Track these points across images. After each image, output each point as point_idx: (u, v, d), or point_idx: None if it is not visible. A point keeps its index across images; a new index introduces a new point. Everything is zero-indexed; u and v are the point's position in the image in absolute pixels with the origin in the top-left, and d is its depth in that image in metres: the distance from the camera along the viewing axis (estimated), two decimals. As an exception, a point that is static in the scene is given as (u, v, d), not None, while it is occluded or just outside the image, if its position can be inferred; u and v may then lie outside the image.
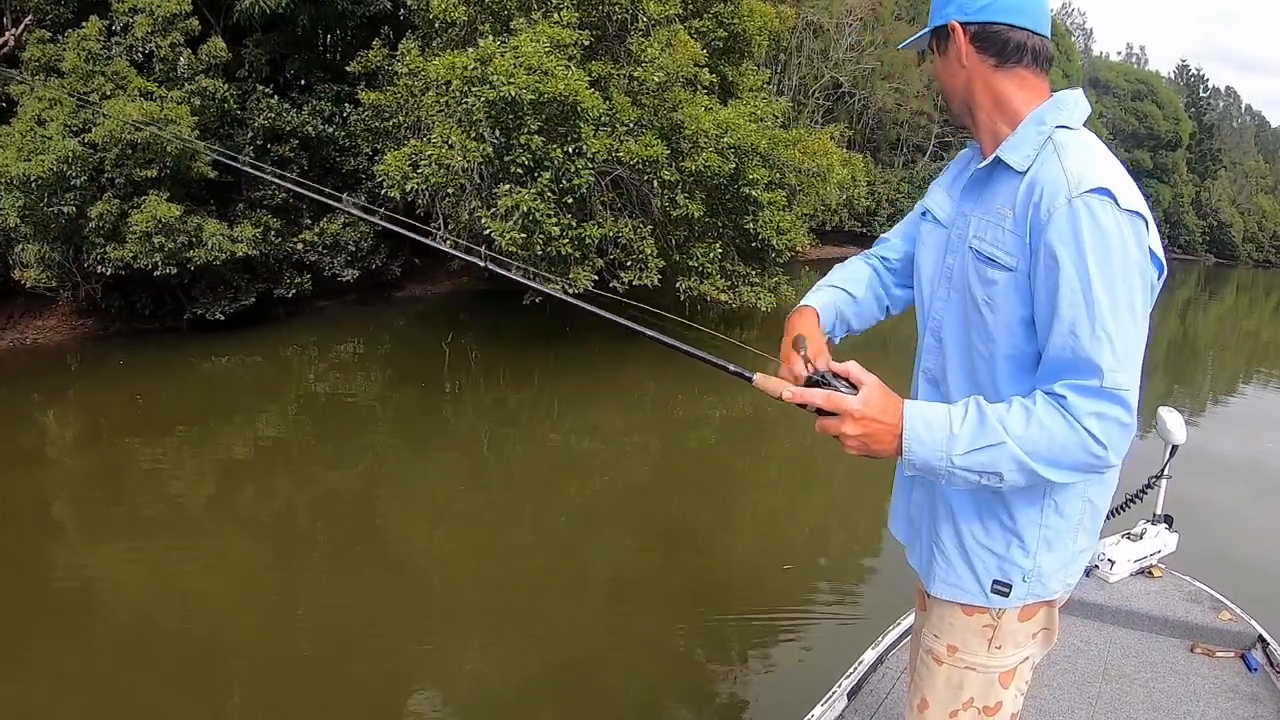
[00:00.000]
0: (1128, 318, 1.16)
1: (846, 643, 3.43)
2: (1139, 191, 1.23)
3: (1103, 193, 1.16)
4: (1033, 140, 1.28)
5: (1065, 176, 1.19)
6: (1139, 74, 54.39)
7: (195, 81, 10.99)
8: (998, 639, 1.41)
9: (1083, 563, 1.43)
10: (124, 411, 8.66)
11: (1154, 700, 2.69)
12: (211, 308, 11.19)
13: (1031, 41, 1.33)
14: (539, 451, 7.73)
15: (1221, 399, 12.64)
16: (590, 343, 11.76)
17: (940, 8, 1.38)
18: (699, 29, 10.06)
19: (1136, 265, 1.17)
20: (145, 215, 9.99)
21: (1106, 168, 1.21)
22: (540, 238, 7.86)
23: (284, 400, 9.44)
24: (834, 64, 25.11)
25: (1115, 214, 1.16)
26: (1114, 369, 1.14)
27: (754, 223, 9.44)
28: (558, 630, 4.45)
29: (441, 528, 6.00)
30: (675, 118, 8.75)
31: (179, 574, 4.96)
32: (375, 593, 4.79)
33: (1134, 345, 1.17)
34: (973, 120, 1.39)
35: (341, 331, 12.47)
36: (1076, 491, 1.33)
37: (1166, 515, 3.44)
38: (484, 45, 7.89)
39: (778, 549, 5.77)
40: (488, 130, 7.93)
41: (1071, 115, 1.30)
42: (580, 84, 7.90)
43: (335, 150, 12.45)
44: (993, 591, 1.37)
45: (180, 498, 6.29)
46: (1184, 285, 36.60)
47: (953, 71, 1.37)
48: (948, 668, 1.45)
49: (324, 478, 6.89)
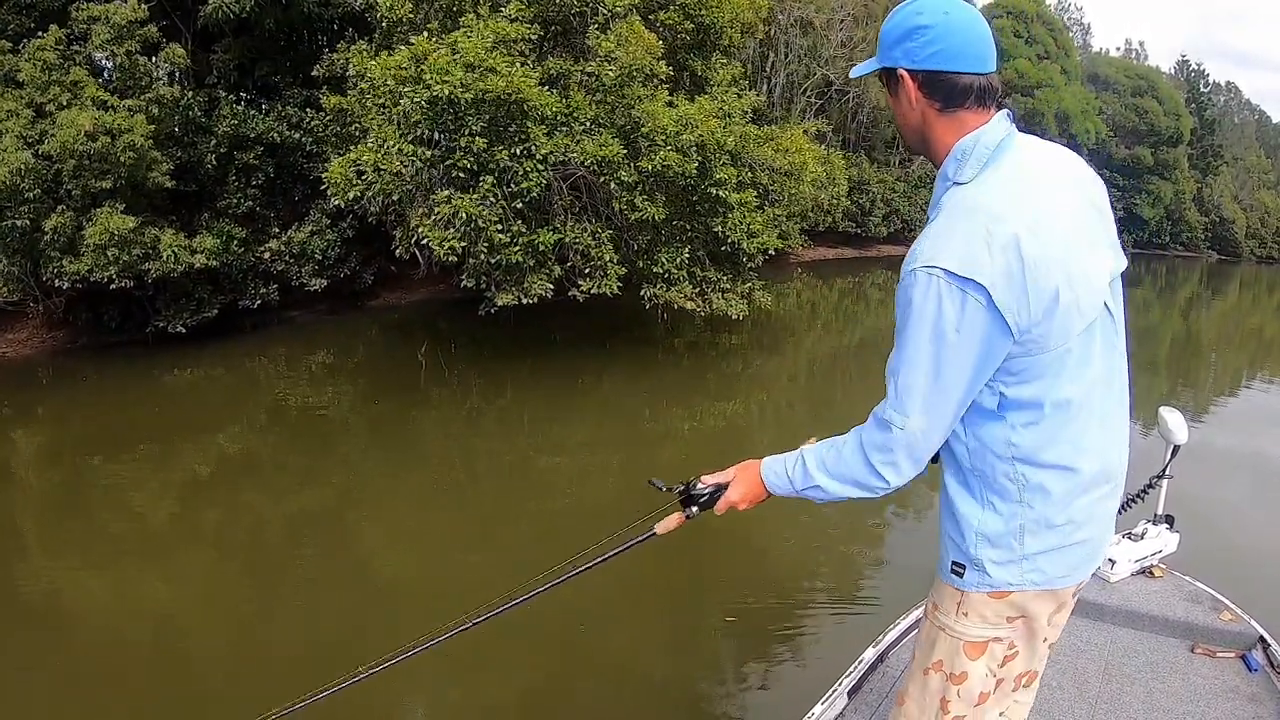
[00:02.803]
0: (921, 371, 1.37)
1: (847, 641, 3.53)
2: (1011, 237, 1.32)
3: (930, 268, 1.32)
4: (937, 195, 1.46)
5: (913, 249, 1.38)
6: (1139, 69, 53.86)
7: (153, 89, 10.70)
8: (965, 605, 1.56)
9: (1049, 565, 1.51)
10: (87, 427, 8.48)
11: (1154, 700, 2.69)
12: (173, 320, 10.91)
13: (977, 83, 1.42)
14: (514, 468, 7.43)
15: (1224, 398, 12.44)
16: (568, 350, 11.50)
17: (888, 49, 1.45)
18: (664, 22, 9.59)
19: (946, 333, 1.34)
20: (98, 228, 9.74)
21: (957, 235, 1.34)
22: (484, 246, 7.44)
23: (247, 415, 9.15)
24: (825, 61, 24.66)
25: (934, 287, 1.32)
26: (894, 408, 1.41)
27: (723, 225, 8.97)
28: (543, 646, 4.39)
29: (411, 546, 5.82)
30: (633, 115, 8.30)
31: (147, 592, 4.92)
32: (345, 610, 4.71)
33: (917, 391, 1.38)
34: (931, 156, 1.50)
35: (311, 342, 12.16)
36: (1010, 496, 1.47)
37: (1168, 515, 3.43)
38: (418, 42, 7.45)
39: (778, 549, 5.80)
40: (427, 132, 7.51)
41: (963, 168, 1.41)
42: (527, 81, 7.47)
43: (302, 156, 12.13)
44: (951, 571, 1.56)
45: (143, 516, 6.20)
46: (1186, 283, 36.21)
47: (902, 113, 1.49)
48: (928, 624, 1.64)
49: (285, 498, 6.68)
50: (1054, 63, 39.87)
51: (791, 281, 21.99)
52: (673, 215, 8.88)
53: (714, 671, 4.27)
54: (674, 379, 10.43)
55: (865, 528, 6.18)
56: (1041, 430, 1.43)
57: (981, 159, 1.40)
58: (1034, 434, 1.43)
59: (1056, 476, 1.46)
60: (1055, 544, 1.51)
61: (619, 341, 11.82)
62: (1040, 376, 1.40)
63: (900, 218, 29.83)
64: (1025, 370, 1.39)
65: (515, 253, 7.67)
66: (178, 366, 10.59)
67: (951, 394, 1.38)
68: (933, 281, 1.32)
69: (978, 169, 1.39)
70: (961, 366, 1.36)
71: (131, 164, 9.98)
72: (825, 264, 26.70)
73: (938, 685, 1.62)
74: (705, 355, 12.00)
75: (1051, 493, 1.47)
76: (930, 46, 1.39)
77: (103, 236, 9.72)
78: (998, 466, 1.46)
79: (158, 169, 10.44)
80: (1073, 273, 1.36)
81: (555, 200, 8.23)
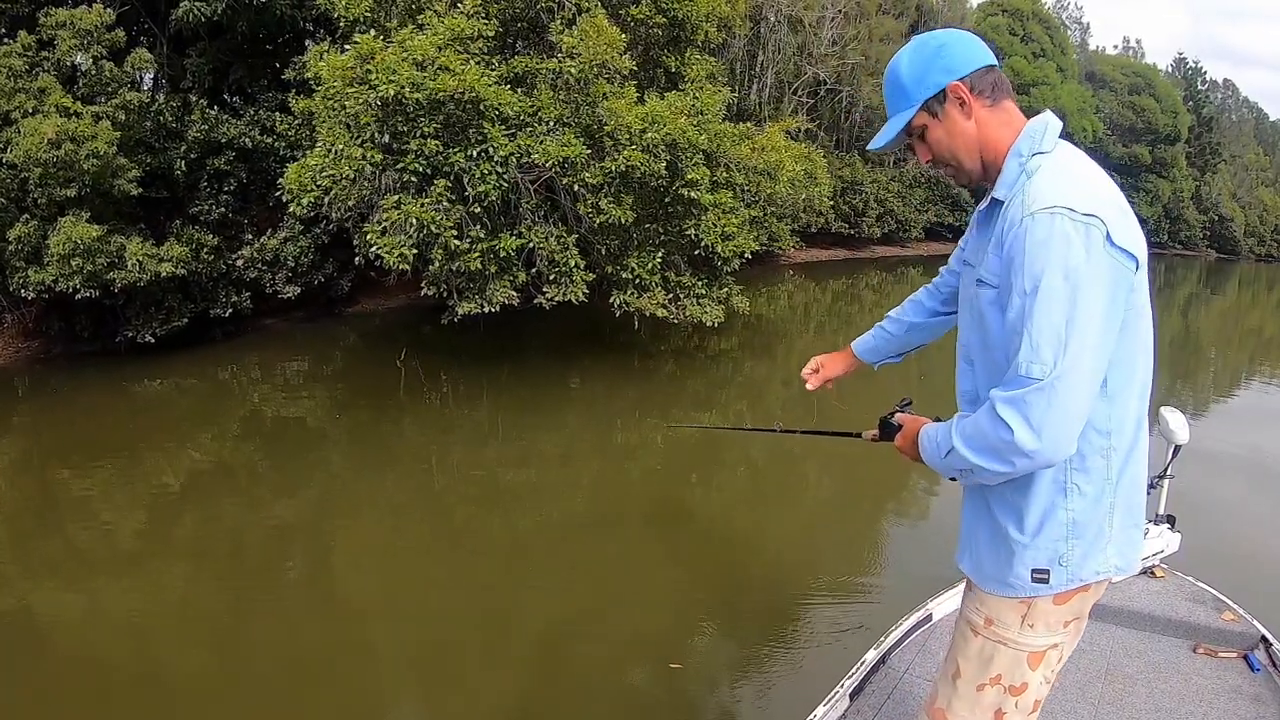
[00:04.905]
0: (1058, 313, 1.29)
1: (849, 643, 3.51)
2: (1108, 192, 1.38)
3: (1051, 209, 1.31)
4: (1014, 172, 1.45)
5: (1024, 199, 1.37)
6: (1136, 67, 53.53)
7: (119, 95, 10.48)
8: (1031, 617, 1.51)
9: (1125, 547, 1.50)
10: (57, 438, 8.32)
11: (1156, 701, 2.70)
12: (142, 330, 10.69)
13: (1000, 77, 1.50)
14: (485, 481, 7.23)
15: (1225, 398, 12.38)
16: (548, 357, 11.28)
17: (919, 81, 1.49)
18: (635, 16, 9.22)
19: (1079, 268, 1.29)
20: (61, 237, 9.54)
21: (1064, 183, 1.36)
22: (439, 253, 7.16)
23: (218, 426, 8.93)
24: (816, 60, 24.41)
25: (1059, 224, 1.31)
26: (1029, 359, 1.30)
27: (696, 228, 8.63)
28: (541, 648, 4.41)
29: (379, 561, 5.67)
30: (597, 113, 7.95)
31: (120, 605, 4.88)
32: (320, 624, 4.65)
33: (1052, 334, 1.29)
34: (984, 171, 1.52)
35: (286, 351, 11.92)
36: (1098, 474, 1.43)
37: (1169, 515, 3.44)
38: (363, 41, 7.16)
39: (778, 549, 5.80)
40: (377, 135, 7.24)
41: (1042, 140, 1.44)
42: (483, 80, 7.17)
43: (275, 161, 11.89)
44: (1033, 580, 1.47)
45: (108, 527, 6.10)
46: (1185, 282, 35.96)
47: (959, 131, 1.50)
48: (982, 639, 1.56)
49: (257, 509, 6.51)
50: (1050, 60, 39.62)
51: (783, 284, 21.76)
52: (644, 218, 8.54)
53: (716, 673, 4.25)
54: (657, 386, 10.18)
55: (866, 528, 6.15)
56: (1126, 397, 1.43)
57: (1054, 135, 1.46)
58: (1122, 402, 1.43)
59: (1134, 445, 1.46)
60: (1132, 521, 1.52)
61: (602, 347, 11.56)
62: (1133, 336, 1.41)
63: (894, 219, 29.57)
64: (1127, 328, 1.39)
65: (474, 259, 7.37)
66: (148, 376, 10.41)
67: (1089, 338, 1.31)
68: (1056, 219, 1.31)
69: (1053, 144, 1.44)
70: (1094, 306, 1.31)
71: (95, 171, 9.76)
72: (818, 265, 26.44)
73: (994, 699, 1.58)
74: (693, 360, 11.75)
75: (1130, 464, 1.48)
76: (961, 54, 1.48)
77: (66, 246, 9.52)
78: (1094, 442, 1.42)
79: (124, 176, 10.23)
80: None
81: (521, 203, 7.94)
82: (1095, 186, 1.36)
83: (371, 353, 12.18)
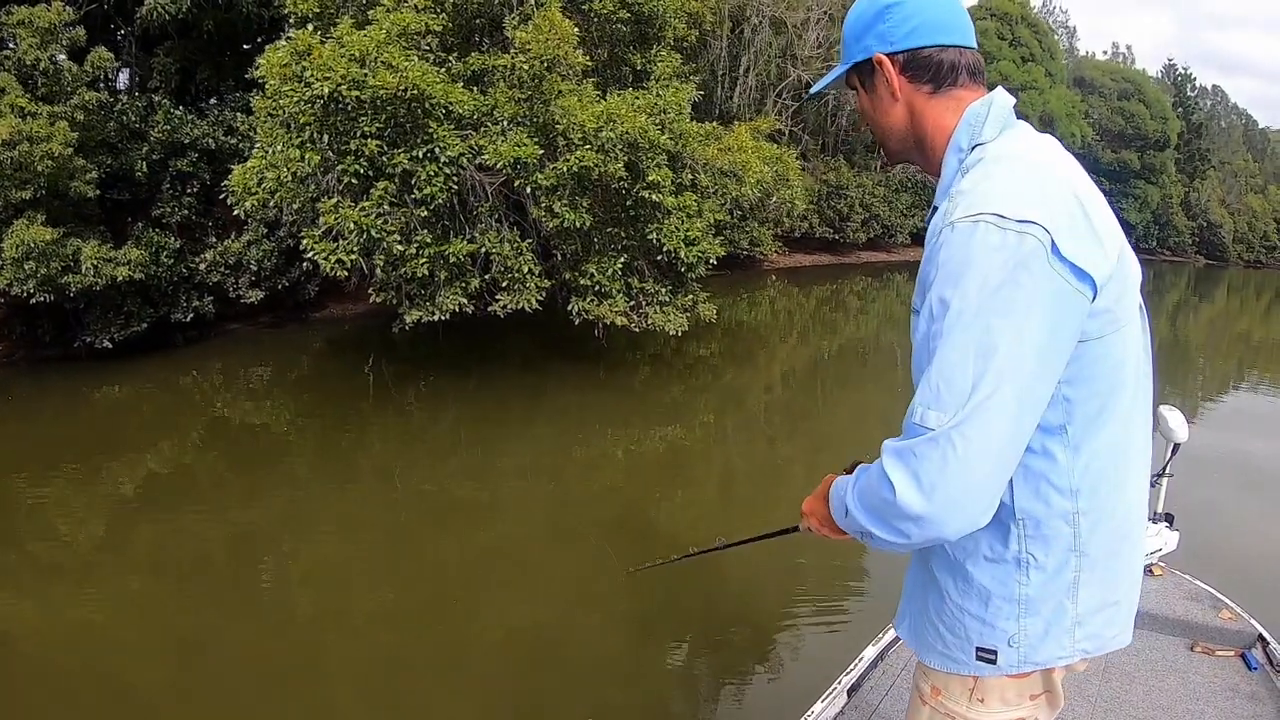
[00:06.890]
0: (966, 346, 1.02)
1: (847, 640, 3.45)
2: (1062, 191, 1.09)
3: (975, 216, 1.05)
4: (950, 171, 1.21)
5: (947, 204, 1.13)
6: (1126, 73, 53.63)
7: (78, 95, 10.25)
8: (979, 692, 1.30)
9: (1100, 628, 1.23)
10: (13, 445, 8.09)
11: (1153, 699, 2.69)
12: (100, 335, 10.45)
13: (964, 59, 1.24)
14: (451, 495, 7.01)
15: (1215, 401, 12.44)
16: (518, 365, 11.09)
17: (857, 40, 1.29)
18: (597, 10, 8.91)
19: (999, 289, 1.01)
20: (14, 240, 9.32)
21: (998, 182, 1.08)
22: (381, 258, 6.91)
23: (179, 434, 8.70)
24: (800, 62, 24.26)
25: (980, 235, 1.03)
26: (924, 403, 1.05)
27: (657, 232, 8.30)
28: (538, 654, 4.37)
29: (333, 576, 5.54)
30: (551, 111, 7.62)
31: (79, 617, 4.78)
32: (279, 637, 4.61)
33: (956, 373, 1.02)
34: (922, 156, 1.29)
35: (251, 357, 11.69)
36: (1061, 543, 1.17)
37: (1167, 514, 3.42)
38: (299, 36, 6.91)
39: (777, 549, 5.60)
40: (316, 135, 7.00)
41: (983, 128, 1.19)
42: (428, 77, 6.93)
43: (239, 162, 11.66)
44: (978, 659, 1.25)
45: (64, 538, 5.96)
46: (1174, 288, 36.00)
47: (884, 110, 1.29)
48: (930, 709, 1.38)
49: (217, 518, 6.32)
50: (1039, 65, 39.59)
51: (766, 289, 21.59)
52: (605, 222, 8.26)
53: (714, 671, 4.22)
54: (629, 396, 9.97)
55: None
56: (1098, 447, 1.15)
57: (1000, 119, 1.19)
58: (1092, 452, 1.14)
59: (1113, 506, 1.18)
60: (1109, 597, 1.24)
61: (574, 356, 11.33)
62: (1110, 369, 1.13)
63: (880, 223, 29.43)
64: (1091, 360, 1.11)
65: (422, 265, 7.12)
66: (108, 382, 10.20)
67: (1009, 379, 1.01)
68: (979, 229, 1.04)
69: (998, 129, 1.18)
70: (1023, 337, 1.02)
71: (51, 172, 9.54)
72: (802, 271, 26.29)
73: None
74: (671, 367, 11.53)
75: (1107, 528, 1.20)
76: (907, 23, 1.22)
77: (19, 249, 9.31)
78: (1055, 504, 1.15)
79: (82, 178, 10.01)
80: (1121, 237, 1.14)
81: (479, 207, 7.70)
82: (1043, 185, 1.08)
83: (338, 360, 11.95)
